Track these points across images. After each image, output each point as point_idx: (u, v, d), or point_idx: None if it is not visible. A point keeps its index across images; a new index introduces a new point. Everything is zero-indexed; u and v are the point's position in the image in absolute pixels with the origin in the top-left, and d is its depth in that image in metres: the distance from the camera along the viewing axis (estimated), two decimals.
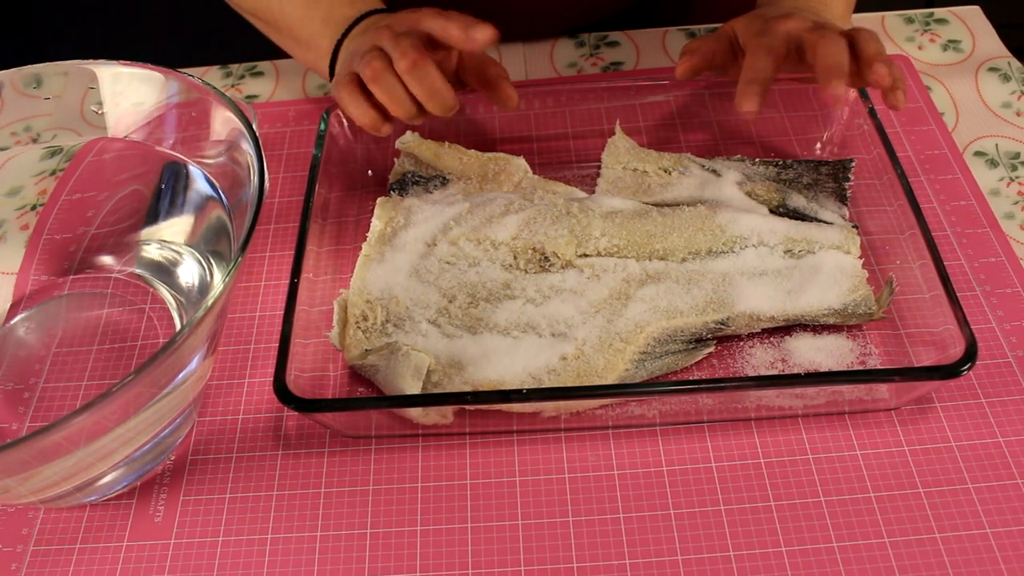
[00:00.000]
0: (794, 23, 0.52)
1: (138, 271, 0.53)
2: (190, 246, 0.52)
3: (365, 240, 0.54)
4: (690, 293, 0.49)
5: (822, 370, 0.48)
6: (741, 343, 0.50)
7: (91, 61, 0.50)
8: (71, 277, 0.53)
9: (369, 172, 0.60)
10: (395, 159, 0.59)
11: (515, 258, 0.51)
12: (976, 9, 0.71)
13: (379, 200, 0.55)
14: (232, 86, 0.70)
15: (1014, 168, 0.59)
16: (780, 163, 0.57)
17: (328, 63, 0.58)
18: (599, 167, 0.58)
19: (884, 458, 0.45)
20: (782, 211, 0.54)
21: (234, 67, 0.71)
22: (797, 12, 0.54)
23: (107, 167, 0.54)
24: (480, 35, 0.51)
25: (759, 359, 0.49)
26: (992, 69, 0.66)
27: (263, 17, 0.61)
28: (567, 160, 0.61)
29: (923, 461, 0.45)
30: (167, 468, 0.48)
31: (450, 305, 0.50)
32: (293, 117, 0.66)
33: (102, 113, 0.52)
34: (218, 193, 0.50)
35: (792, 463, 0.45)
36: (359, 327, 0.49)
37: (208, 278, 0.51)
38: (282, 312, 0.47)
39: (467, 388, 0.47)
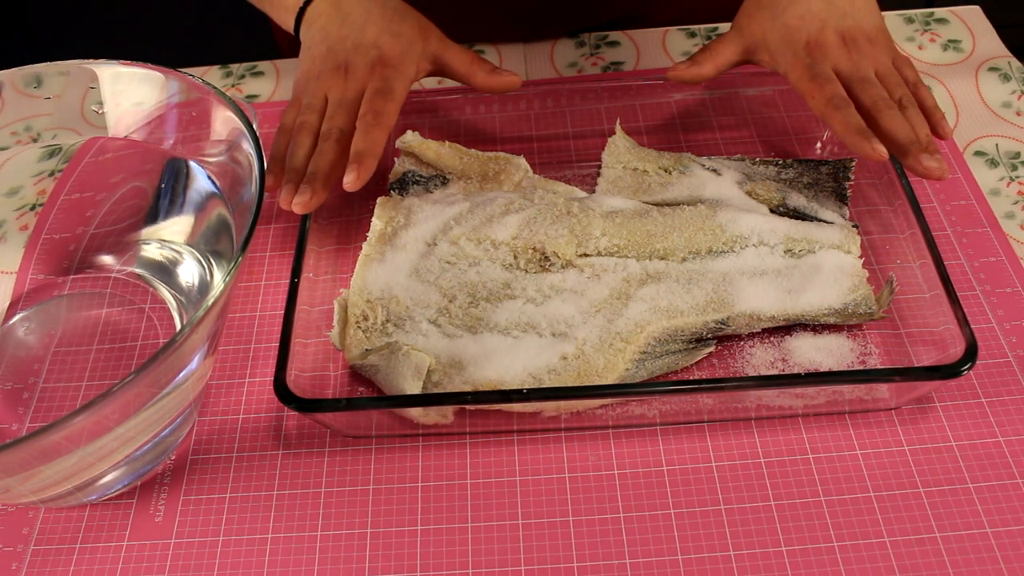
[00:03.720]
0: (835, 57, 0.53)
1: (138, 271, 0.53)
2: (190, 246, 0.52)
3: (365, 240, 0.54)
4: (690, 293, 0.49)
5: (822, 370, 0.48)
6: (741, 343, 0.50)
7: (91, 61, 0.50)
8: (71, 277, 0.53)
9: None
10: (395, 158, 0.59)
11: (515, 258, 0.51)
12: (976, 9, 0.71)
13: (379, 200, 0.55)
14: (232, 86, 0.70)
15: (1014, 168, 0.59)
16: (780, 162, 0.57)
17: (294, 21, 0.59)
18: (599, 167, 0.58)
19: (884, 457, 0.45)
20: (782, 211, 0.54)
21: (234, 67, 0.71)
22: (824, 20, 0.54)
23: (106, 166, 0.54)
24: (506, 81, 0.56)
25: (759, 359, 0.49)
26: (992, 69, 0.66)
27: None
28: (567, 160, 0.61)
29: (923, 461, 0.45)
30: (167, 468, 0.47)
31: (450, 305, 0.50)
32: None
33: (102, 113, 0.52)
34: (218, 192, 0.50)
35: (792, 463, 0.45)
36: (359, 327, 0.49)
37: (208, 278, 0.51)
38: (282, 312, 0.47)
39: (467, 388, 0.47)
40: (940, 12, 0.71)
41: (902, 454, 0.45)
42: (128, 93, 0.51)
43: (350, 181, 0.50)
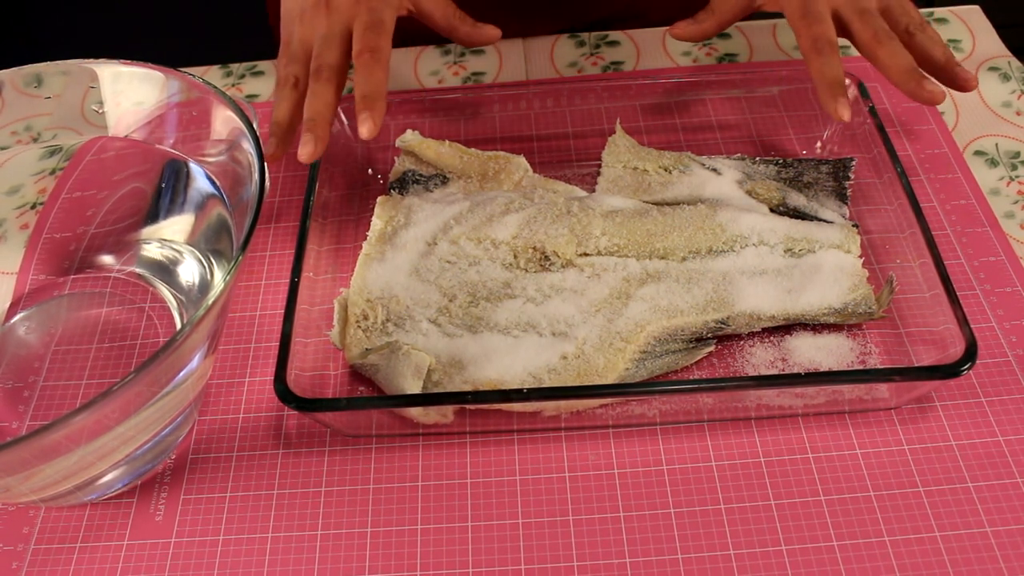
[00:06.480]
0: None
1: (138, 270, 0.53)
2: (190, 245, 0.52)
3: (365, 239, 0.54)
4: (690, 292, 0.49)
5: (822, 369, 0.48)
6: (741, 342, 0.50)
7: (91, 60, 0.50)
8: (71, 276, 0.53)
9: (369, 171, 0.60)
10: (395, 158, 0.59)
11: (515, 257, 0.51)
12: (976, 9, 0.71)
13: (379, 199, 0.55)
14: (232, 85, 0.70)
15: (1014, 167, 0.59)
16: (780, 162, 0.57)
17: None
18: (599, 166, 0.58)
19: (884, 457, 0.45)
20: (782, 210, 0.54)
21: (234, 67, 0.71)
22: None
23: (107, 166, 0.54)
24: (489, 34, 0.54)
25: (759, 358, 0.49)
26: (992, 69, 0.66)
27: None
28: (567, 159, 0.61)
29: (923, 460, 0.45)
30: (168, 467, 0.48)
31: (451, 304, 0.50)
32: None
33: (103, 112, 0.52)
34: (219, 192, 0.50)
35: (792, 462, 0.45)
36: (359, 326, 0.50)
37: (208, 277, 0.51)
38: (282, 311, 0.47)
39: (467, 387, 0.47)
40: (940, 12, 0.71)
41: (902, 454, 0.45)
42: (128, 92, 0.51)
43: (367, 130, 0.48)
